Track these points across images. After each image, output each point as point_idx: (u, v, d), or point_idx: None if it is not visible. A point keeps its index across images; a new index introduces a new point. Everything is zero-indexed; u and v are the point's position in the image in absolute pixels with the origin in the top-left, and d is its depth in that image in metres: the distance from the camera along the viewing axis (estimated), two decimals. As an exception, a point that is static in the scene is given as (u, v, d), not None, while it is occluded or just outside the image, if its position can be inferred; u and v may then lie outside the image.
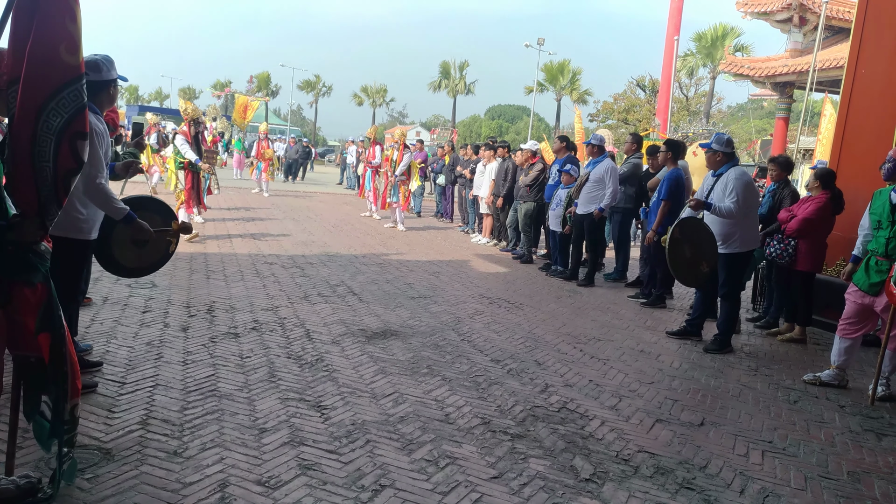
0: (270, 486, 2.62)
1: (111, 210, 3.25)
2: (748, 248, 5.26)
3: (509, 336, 5.21)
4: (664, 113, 22.04)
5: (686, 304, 7.01)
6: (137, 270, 3.85)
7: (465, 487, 2.73)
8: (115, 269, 3.75)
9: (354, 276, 7.06)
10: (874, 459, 3.41)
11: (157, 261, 3.80)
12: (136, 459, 2.73)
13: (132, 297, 5.38)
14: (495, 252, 9.93)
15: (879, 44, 6.41)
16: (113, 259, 3.65)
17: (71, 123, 2.22)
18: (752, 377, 4.67)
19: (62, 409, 2.34)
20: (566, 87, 44.46)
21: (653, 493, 2.84)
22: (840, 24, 15.77)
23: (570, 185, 7.98)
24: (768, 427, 3.72)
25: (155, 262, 3.80)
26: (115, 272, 3.83)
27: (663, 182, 6.56)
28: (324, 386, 3.76)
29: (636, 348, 5.18)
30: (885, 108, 6.20)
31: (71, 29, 2.18)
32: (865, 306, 4.38)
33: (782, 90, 18.41)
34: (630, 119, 37.01)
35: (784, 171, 6.26)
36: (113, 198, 3.24)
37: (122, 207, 3.26)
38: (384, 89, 59.71)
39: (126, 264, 3.71)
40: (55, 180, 2.23)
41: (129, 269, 3.79)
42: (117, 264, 3.70)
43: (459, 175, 12.42)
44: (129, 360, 3.91)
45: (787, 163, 6.39)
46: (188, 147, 8.54)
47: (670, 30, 21.80)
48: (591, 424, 3.53)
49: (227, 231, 9.67)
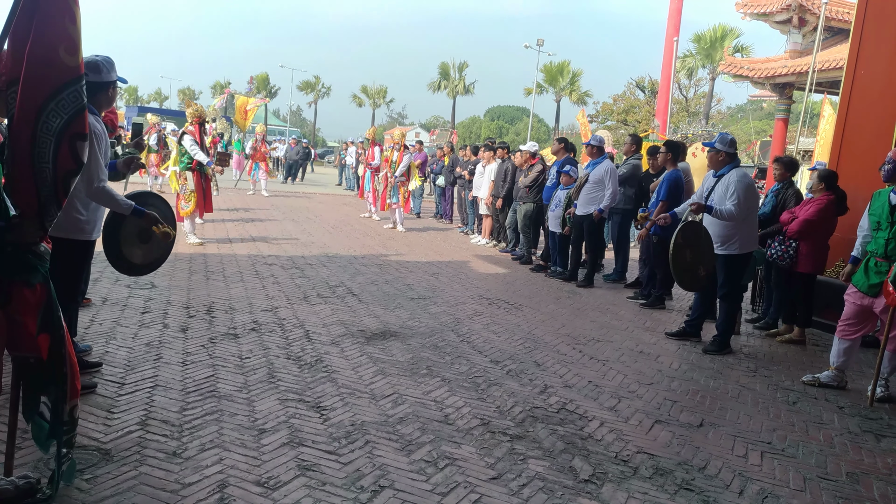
0: (270, 486, 2.62)
1: (118, 207, 3.30)
2: (747, 250, 5.26)
3: (508, 337, 5.21)
4: (663, 114, 22.04)
5: (685, 305, 7.01)
6: (145, 267, 3.87)
7: (465, 488, 2.74)
8: (127, 267, 3.76)
9: (354, 277, 7.06)
10: (873, 460, 3.41)
11: (162, 255, 3.83)
12: (136, 460, 2.73)
13: (131, 298, 5.38)
14: (495, 253, 9.93)
15: (879, 45, 6.42)
16: (123, 258, 3.67)
17: (70, 124, 2.23)
18: (752, 378, 4.67)
19: (61, 409, 2.34)
20: (566, 88, 44.49)
21: (652, 493, 2.84)
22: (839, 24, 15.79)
23: (570, 186, 7.98)
24: (767, 428, 3.72)
25: (160, 256, 3.83)
26: (127, 271, 3.84)
27: (662, 182, 6.57)
28: (323, 387, 3.76)
29: (635, 349, 5.18)
30: (885, 109, 6.21)
31: (70, 30, 2.18)
32: (864, 307, 4.39)
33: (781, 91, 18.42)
34: (629, 120, 37.03)
35: (788, 170, 6.24)
36: (116, 196, 3.28)
37: (129, 203, 3.31)
38: (384, 90, 59.74)
39: (136, 262, 3.74)
40: (55, 181, 2.23)
41: (139, 265, 3.81)
42: (128, 263, 3.71)
43: (459, 176, 12.43)
44: (128, 360, 3.91)
45: (791, 163, 6.37)
46: (198, 148, 8.34)
47: (670, 30, 21.81)
48: (591, 425, 3.53)
49: (227, 232, 9.67)
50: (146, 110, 38.25)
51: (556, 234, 8.22)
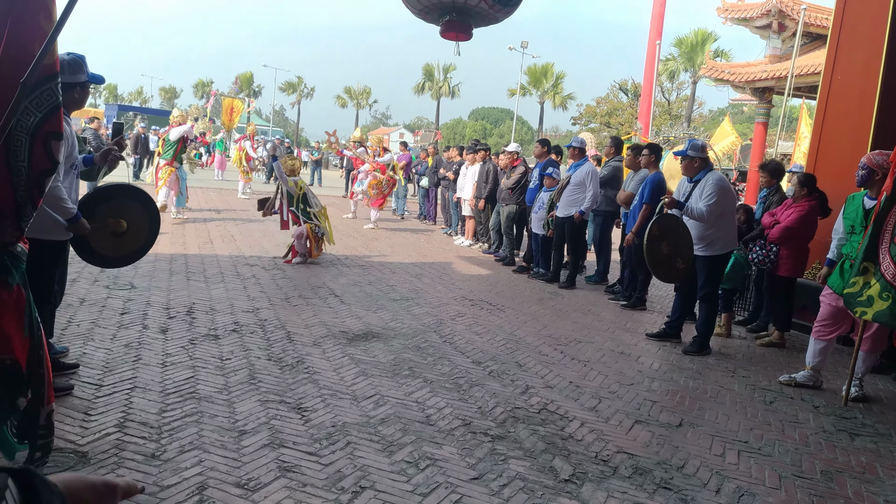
0: (250, 488, 2.60)
1: (61, 211, 3.19)
2: (727, 251, 5.34)
3: (491, 338, 5.23)
4: (646, 117, 22.26)
5: (666, 306, 7.08)
6: (115, 260, 3.83)
7: (446, 489, 2.74)
8: (94, 258, 3.72)
9: (336, 278, 7.04)
10: (847, 459, 3.48)
11: (136, 251, 3.79)
12: (113, 462, 2.70)
13: (110, 299, 5.31)
14: (478, 254, 9.95)
15: (855, 50, 6.53)
16: (90, 249, 3.63)
17: (45, 122, 2.20)
18: (730, 378, 4.73)
19: (38, 413, 2.31)
20: (549, 90, 44.74)
21: (631, 493, 2.87)
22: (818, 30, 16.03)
23: (553, 188, 8.03)
24: (744, 427, 3.77)
25: (134, 251, 3.78)
26: (96, 263, 3.80)
27: (645, 185, 6.63)
28: (304, 388, 3.74)
29: (616, 350, 5.23)
30: (861, 114, 6.32)
31: (45, 27, 2.15)
32: (840, 309, 4.47)
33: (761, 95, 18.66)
34: (612, 122, 37.35)
35: (774, 177, 6.29)
36: (64, 198, 3.18)
37: (71, 208, 3.22)
38: (367, 91, 59.63)
39: (104, 253, 3.70)
40: (30, 181, 2.20)
41: (108, 258, 3.76)
42: (95, 254, 3.67)
43: (442, 177, 12.44)
44: (106, 362, 3.86)
45: (776, 169, 6.42)
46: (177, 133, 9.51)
47: (652, 34, 22.02)
48: (571, 425, 3.56)
49: (208, 232, 9.58)
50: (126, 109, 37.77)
51: (538, 235, 8.26)
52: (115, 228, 3.64)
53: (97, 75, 3.36)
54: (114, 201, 3.68)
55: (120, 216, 3.65)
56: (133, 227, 3.70)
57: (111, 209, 3.64)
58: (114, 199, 3.70)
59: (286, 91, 59.93)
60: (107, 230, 3.62)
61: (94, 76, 3.33)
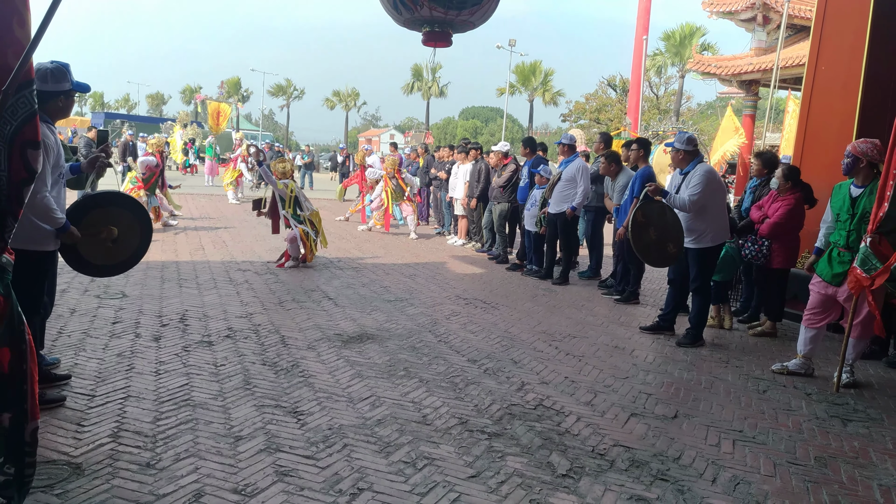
0: (247, 493, 2.60)
1: (51, 221, 3.19)
2: (719, 242, 5.36)
3: (486, 336, 5.24)
4: (635, 112, 22.33)
5: (659, 300, 7.11)
6: (107, 268, 3.81)
7: (444, 487, 2.75)
8: (85, 267, 3.70)
9: (330, 281, 7.03)
10: (840, 444, 3.51)
11: (129, 258, 3.78)
12: (108, 473, 2.69)
13: (101, 309, 5.28)
14: (471, 253, 9.96)
15: (839, 40, 6.58)
16: (80, 258, 3.61)
17: (21, 131, 2.17)
18: (724, 369, 4.76)
19: (23, 428, 2.27)
20: (538, 88, 44.79)
21: (628, 485, 2.88)
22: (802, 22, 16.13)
23: (545, 185, 8.05)
24: (739, 417, 3.80)
25: (126, 259, 3.77)
26: (87, 272, 3.79)
27: (635, 179, 6.65)
28: (300, 391, 3.74)
29: (610, 344, 5.25)
30: (845, 103, 6.36)
31: (18, 34, 2.12)
32: (829, 296, 4.50)
33: (748, 88, 18.77)
34: (602, 118, 37.43)
35: (766, 167, 6.30)
36: (53, 209, 3.17)
37: (60, 218, 3.22)
38: (356, 93, 59.52)
39: (95, 262, 3.68)
40: (10, 191, 2.18)
41: (99, 266, 3.75)
42: (86, 262, 3.65)
43: (434, 177, 12.44)
44: (98, 372, 3.84)
45: (771, 159, 6.43)
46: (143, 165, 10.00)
47: (639, 30, 22.08)
48: (567, 421, 3.57)
49: (200, 239, 9.54)
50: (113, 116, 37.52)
51: (531, 232, 8.28)
52: (106, 236, 3.63)
53: (82, 83, 3.34)
54: (103, 209, 3.67)
55: (110, 224, 3.64)
56: (124, 234, 3.69)
57: (101, 217, 3.62)
58: (103, 206, 3.68)
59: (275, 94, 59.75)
60: (97, 238, 3.60)
61: (78, 84, 3.31)
